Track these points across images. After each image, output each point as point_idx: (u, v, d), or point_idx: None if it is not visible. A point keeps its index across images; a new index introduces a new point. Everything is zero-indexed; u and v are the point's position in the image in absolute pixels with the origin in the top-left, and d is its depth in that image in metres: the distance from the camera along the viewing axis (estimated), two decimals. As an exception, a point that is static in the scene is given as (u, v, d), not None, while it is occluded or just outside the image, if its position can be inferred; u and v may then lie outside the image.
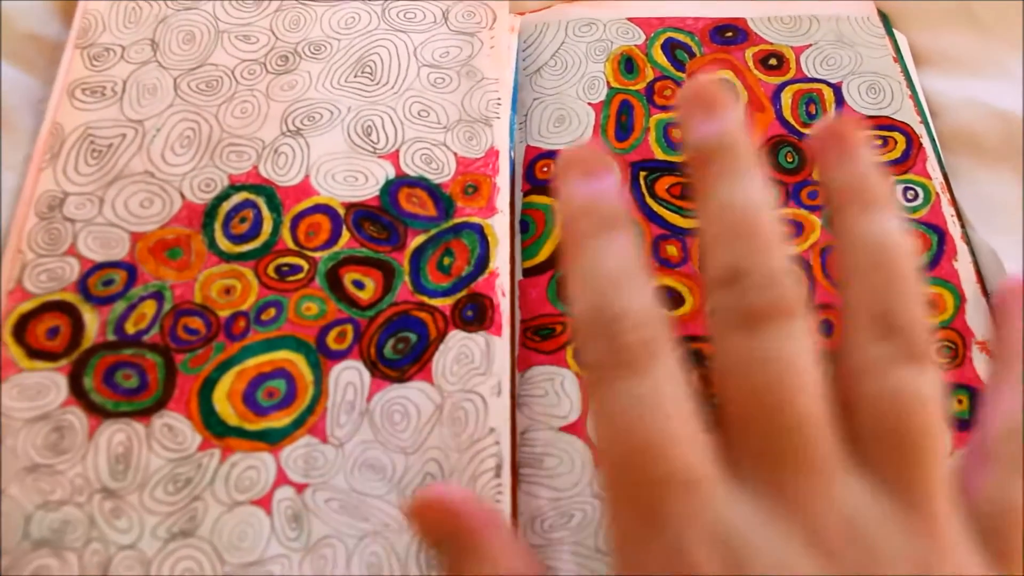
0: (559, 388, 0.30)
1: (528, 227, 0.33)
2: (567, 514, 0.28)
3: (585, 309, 0.19)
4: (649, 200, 0.34)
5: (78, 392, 0.28)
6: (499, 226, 0.32)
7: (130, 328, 0.29)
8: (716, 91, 0.22)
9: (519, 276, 0.32)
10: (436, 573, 0.26)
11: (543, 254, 0.33)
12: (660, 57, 0.38)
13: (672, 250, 0.33)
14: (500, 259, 0.31)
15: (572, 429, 0.30)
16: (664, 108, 0.36)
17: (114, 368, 0.28)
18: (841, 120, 0.22)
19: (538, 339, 0.31)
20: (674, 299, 0.32)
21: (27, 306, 0.29)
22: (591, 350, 0.19)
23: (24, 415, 0.27)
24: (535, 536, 0.28)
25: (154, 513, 0.27)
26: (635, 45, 0.38)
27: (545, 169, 0.35)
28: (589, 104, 0.36)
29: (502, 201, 0.32)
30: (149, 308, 0.29)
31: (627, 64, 0.37)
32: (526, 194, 0.34)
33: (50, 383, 0.28)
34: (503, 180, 0.33)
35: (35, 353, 0.28)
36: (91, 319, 0.29)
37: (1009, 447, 0.21)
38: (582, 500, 0.29)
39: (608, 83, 0.37)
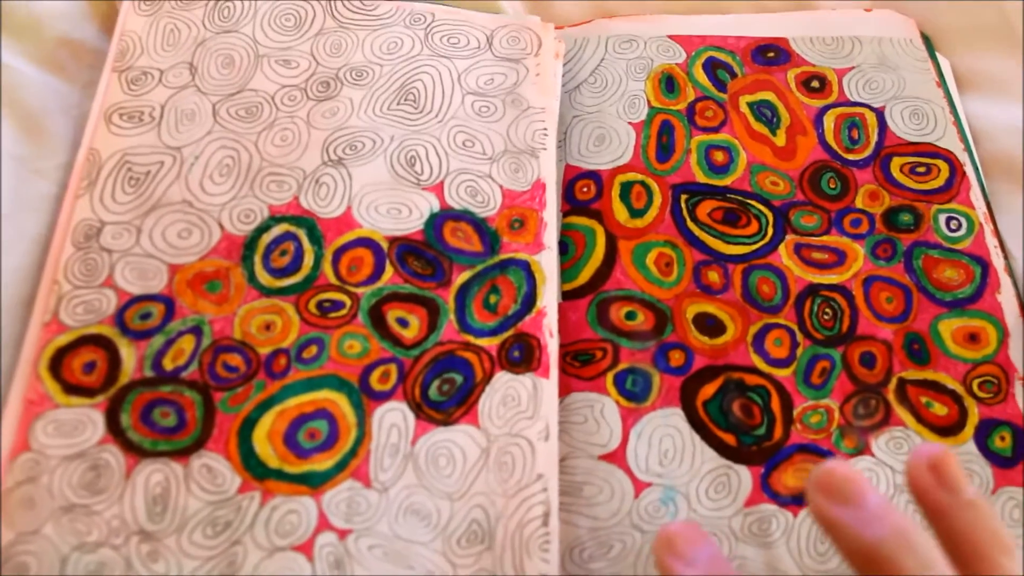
0: (599, 415, 0.30)
1: (567, 249, 0.33)
2: (606, 544, 0.28)
3: None
4: (691, 224, 0.33)
5: (115, 430, 0.27)
6: (546, 263, 0.31)
7: (168, 364, 0.28)
8: (848, 479, 0.22)
9: (558, 299, 0.31)
10: None
11: (583, 277, 0.32)
12: (701, 76, 0.37)
13: (713, 276, 0.32)
14: (548, 297, 0.30)
15: (612, 458, 0.29)
16: (705, 129, 0.35)
17: (152, 405, 0.28)
18: (939, 457, 0.22)
19: (577, 364, 0.31)
20: (715, 327, 0.32)
21: (63, 339, 0.28)
22: None
23: (60, 452, 0.27)
24: (574, 566, 0.28)
25: (192, 557, 0.26)
26: (676, 63, 0.37)
27: (585, 189, 0.34)
28: (630, 123, 0.35)
29: (549, 237, 0.31)
30: (187, 343, 0.29)
31: (668, 83, 0.36)
32: (565, 214, 0.33)
33: (86, 420, 0.27)
34: (550, 214, 0.32)
35: (71, 388, 0.28)
36: (128, 354, 0.28)
37: None
38: (621, 530, 0.28)
39: (649, 102, 0.36)
